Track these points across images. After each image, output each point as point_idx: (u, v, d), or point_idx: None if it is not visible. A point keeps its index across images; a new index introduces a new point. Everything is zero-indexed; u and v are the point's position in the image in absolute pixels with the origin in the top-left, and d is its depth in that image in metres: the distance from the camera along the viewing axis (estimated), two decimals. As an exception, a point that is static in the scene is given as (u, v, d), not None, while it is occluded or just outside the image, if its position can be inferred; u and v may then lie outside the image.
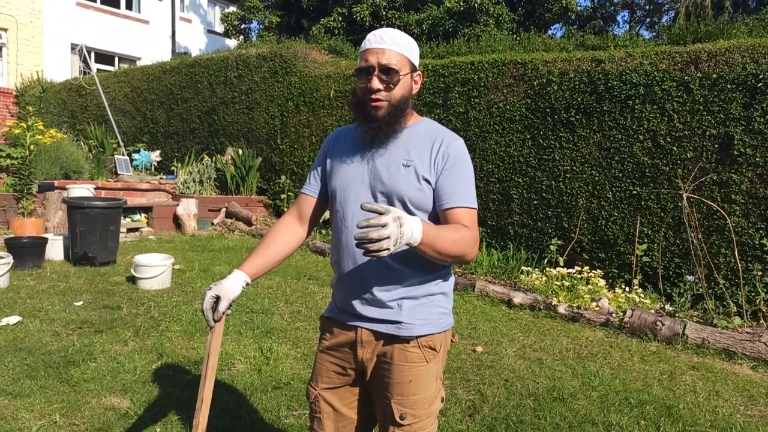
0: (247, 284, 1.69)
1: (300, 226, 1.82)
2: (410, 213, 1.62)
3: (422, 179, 1.62)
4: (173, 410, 2.87)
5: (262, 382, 3.27)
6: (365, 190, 1.66)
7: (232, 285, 1.64)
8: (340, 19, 13.14)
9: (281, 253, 1.77)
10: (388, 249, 1.31)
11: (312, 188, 1.82)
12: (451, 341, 1.80)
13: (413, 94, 1.69)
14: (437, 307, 1.70)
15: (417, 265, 1.63)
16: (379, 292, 1.64)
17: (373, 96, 1.59)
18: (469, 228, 1.58)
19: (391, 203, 1.62)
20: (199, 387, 1.67)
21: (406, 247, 1.40)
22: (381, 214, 1.32)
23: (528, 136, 6.54)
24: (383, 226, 1.30)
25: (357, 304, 1.67)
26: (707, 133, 5.38)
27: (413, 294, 1.65)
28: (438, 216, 1.65)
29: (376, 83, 1.58)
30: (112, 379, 3.19)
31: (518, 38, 7.97)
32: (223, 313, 1.63)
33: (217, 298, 1.62)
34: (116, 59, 17.14)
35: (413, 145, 1.65)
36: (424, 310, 1.66)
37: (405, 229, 1.35)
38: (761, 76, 5.05)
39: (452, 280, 1.78)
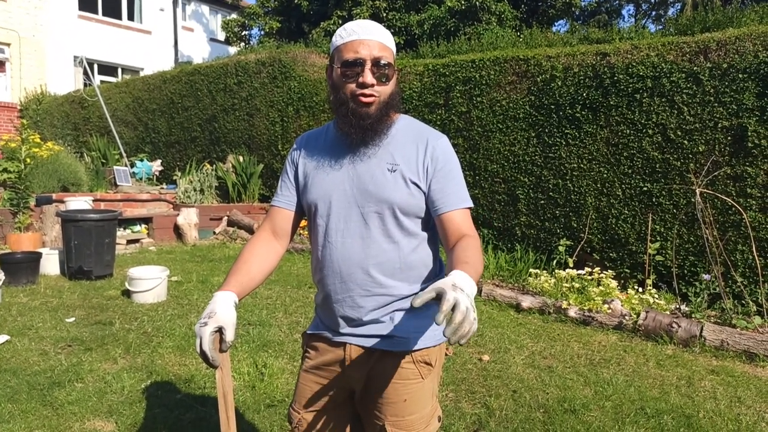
0: (235, 304, 1.46)
1: (277, 242, 1.64)
2: (399, 221, 1.50)
3: (410, 183, 1.49)
4: (159, 433, 2.72)
5: (255, 401, 3.10)
6: (349, 201, 1.52)
7: (228, 310, 1.39)
8: (340, 21, 13.00)
9: (264, 270, 1.58)
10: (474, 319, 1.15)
11: (285, 200, 1.64)
12: (446, 354, 1.66)
13: None
14: (432, 318, 1.54)
15: (408, 276, 1.52)
16: (370, 309, 1.51)
17: (367, 91, 1.45)
18: (470, 235, 1.47)
19: (380, 212, 1.49)
20: None
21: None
22: (439, 297, 1.15)
23: (533, 134, 6.35)
24: (463, 310, 1.12)
25: (346, 322, 1.54)
26: (719, 125, 5.16)
27: (406, 305, 1.52)
28: (430, 218, 1.54)
29: (369, 77, 1.44)
30: (98, 401, 3.03)
31: (521, 35, 7.78)
32: (231, 343, 1.39)
33: (220, 329, 1.37)
34: (119, 70, 17.14)
35: (396, 147, 1.53)
36: (418, 321, 1.53)
37: (469, 290, 1.20)
38: (775, 64, 4.83)
39: None
